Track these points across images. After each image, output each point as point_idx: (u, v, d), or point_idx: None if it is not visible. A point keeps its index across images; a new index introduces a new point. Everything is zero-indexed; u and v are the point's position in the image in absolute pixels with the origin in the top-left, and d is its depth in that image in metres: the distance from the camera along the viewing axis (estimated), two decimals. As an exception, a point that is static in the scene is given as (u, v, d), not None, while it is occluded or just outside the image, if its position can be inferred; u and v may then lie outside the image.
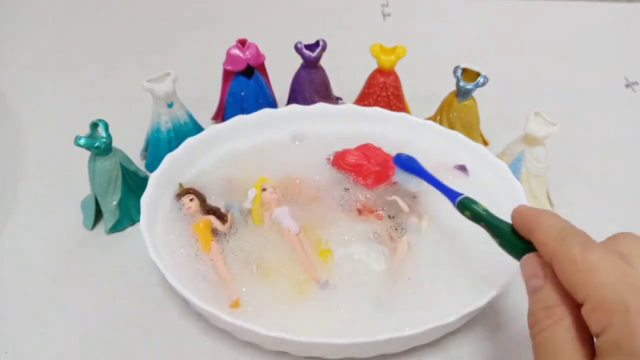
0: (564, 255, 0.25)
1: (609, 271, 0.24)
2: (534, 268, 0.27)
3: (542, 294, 0.26)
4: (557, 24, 0.75)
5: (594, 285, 0.23)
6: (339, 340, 0.33)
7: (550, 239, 0.27)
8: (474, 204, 0.34)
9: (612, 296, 0.23)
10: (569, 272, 0.25)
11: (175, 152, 0.44)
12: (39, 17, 0.74)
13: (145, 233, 0.38)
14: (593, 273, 0.24)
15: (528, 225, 0.29)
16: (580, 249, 0.25)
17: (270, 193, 0.43)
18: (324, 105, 0.49)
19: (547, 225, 0.27)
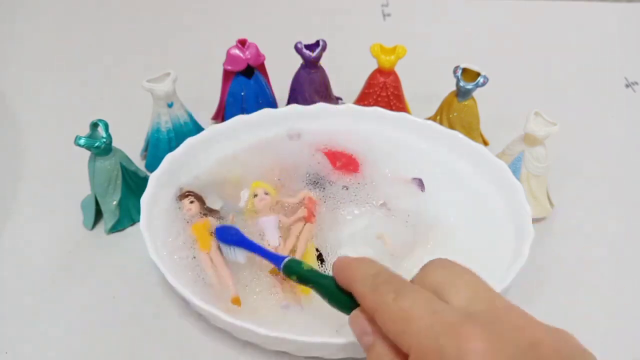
0: (380, 306, 0.25)
1: (421, 317, 0.23)
2: (362, 325, 0.26)
3: (374, 351, 0.25)
4: (557, 24, 0.75)
5: (410, 334, 0.23)
6: (339, 340, 0.33)
7: (365, 290, 0.26)
8: (299, 265, 0.33)
9: (428, 342, 0.22)
10: (388, 324, 0.24)
11: (175, 152, 0.44)
12: (39, 17, 0.74)
13: (145, 233, 0.38)
14: (408, 321, 0.23)
15: (347, 277, 0.28)
16: (393, 297, 0.24)
17: (260, 200, 0.41)
18: (324, 105, 0.49)
19: (361, 276, 0.27)
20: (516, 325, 0.23)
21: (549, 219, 0.47)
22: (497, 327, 0.22)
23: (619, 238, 0.46)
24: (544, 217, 0.46)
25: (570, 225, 0.47)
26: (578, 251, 0.45)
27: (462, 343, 0.22)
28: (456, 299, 0.24)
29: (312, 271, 0.32)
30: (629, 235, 0.46)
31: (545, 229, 0.46)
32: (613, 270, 0.44)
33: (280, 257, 0.34)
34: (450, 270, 0.26)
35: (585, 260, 0.44)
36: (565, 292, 0.41)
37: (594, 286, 0.42)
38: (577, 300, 0.41)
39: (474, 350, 0.21)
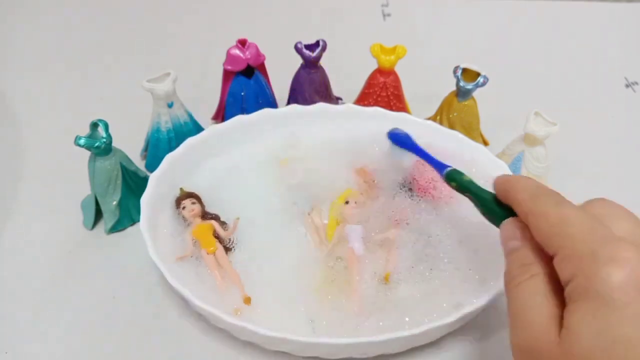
0: (538, 211, 0.26)
1: (579, 224, 0.24)
2: (512, 231, 0.28)
3: (519, 253, 0.27)
4: (557, 24, 0.75)
5: (564, 237, 0.24)
6: (339, 340, 0.33)
7: (525, 198, 0.28)
8: (460, 175, 0.35)
9: (581, 246, 0.24)
10: (542, 227, 0.26)
11: (175, 152, 0.44)
12: (39, 17, 0.74)
13: (145, 233, 0.38)
14: (564, 226, 0.25)
15: (506, 189, 0.29)
16: (553, 204, 0.26)
17: (352, 208, 0.41)
18: (324, 105, 0.49)
19: (523, 186, 0.28)
20: None
21: (549, 219, 0.47)
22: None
23: (619, 238, 0.46)
24: (544, 217, 0.46)
25: (570, 225, 0.47)
26: (578, 251, 0.45)
27: (616, 251, 0.22)
28: (616, 229, 0.25)
29: (472, 182, 0.34)
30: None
31: (545, 229, 0.46)
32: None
33: (444, 166, 0.37)
34: (612, 205, 0.27)
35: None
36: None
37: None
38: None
39: (626, 259, 0.22)
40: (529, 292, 0.25)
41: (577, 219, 0.25)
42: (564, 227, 0.25)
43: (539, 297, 0.25)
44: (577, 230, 0.24)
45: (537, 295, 0.25)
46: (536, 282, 0.25)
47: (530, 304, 0.25)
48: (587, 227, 0.24)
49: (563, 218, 0.25)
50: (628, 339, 0.21)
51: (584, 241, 0.24)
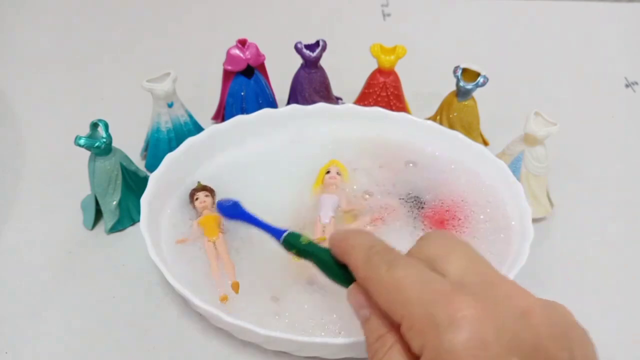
0: (373, 277, 0.25)
1: (413, 286, 0.23)
2: (358, 298, 0.27)
3: (371, 324, 0.26)
4: (557, 24, 0.75)
5: (402, 303, 0.23)
6: (339, 340, 0.33)
7: (359, 262, 0.26)
8: (298, 238, 0.32)
9: (419, 311, 0.23)
10: (381, 294, 0.25)
11: (175, 152, 0.44)
12: (39, 17, 0.74)
13: (145, 233, 0.38)
14: (400, 292, 0.23)
15: (342, 249, 0.28)
16: (386, 268, 0.25)
17: (331, 177, 0.43)
18: (324, 105, 0.49)
19: (356, 247, 0.27)
20: (508, 294, 0.23)
21: (549, 219, 0.47)
22: (489, 296, 0.23)
23: (619, 238, 0.46)
24: (544, 217, 0.46)
25: (570, 225, 0.47)
26: (578, 251, 0.45)
27: (453, 311, 0.22)
28: (450, 270, 0.24)
29: (311, 244, 0.31)
30: (629, 235, 0.46)
31: (545, 229, 0.46)
32: (613, 270, 0.44)
33: (279, 231, 0.34)
34: (446, 241, 0.26)
35: (585, 260, 0.44)
36: (565, 292, 0.41)
37: (594, 286, 0.42)
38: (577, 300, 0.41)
39: (464, 318, 0.21)
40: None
41: (410, 280, 0.24)
42: (400, 294, 0.23)
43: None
44: (411, 293, 0.23)
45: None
46: (394, 354, 0.24)
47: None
48: (419, 287, 0.23)
49: (397, 283, 0.24)
50: None
51: (420, 305, 0.23)
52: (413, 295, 0.23)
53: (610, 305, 0.41)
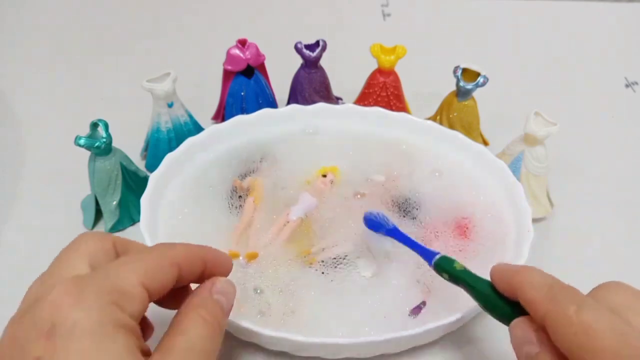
0: (558, 315, 0.24)
1: (608, 334, 0.22)
2: (526, 333, 0.26)
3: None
4: (557, 24, 0.75)
5: (593, 352, 0.22)
6: (339, 340, 0.33)
7: (539, 297, 0.25)
8: (452, 263, 0.32)
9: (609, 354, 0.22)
10: (565, 335, 0.24)
11: (175, 152, 0.44)
12: (39, 16, 0.74)
13: (145, 233, 0.38)
14: (591, 337, 0.23)
15: (511, 284, 0.27)
16: (574, 309, 0.24)
17: (320, 182, 0.44)
18: (324, 105, 0.49)
19: (533, 282, 0.26)
20: None
21: (549, 219, 0.47)
22: None
23: (619, 238, 0.46)
24: (544, 217, 0.46)
25: (570, 225, 0.47)
26: (578, 251, 0.45)
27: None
28: (637, 322, 0.23)
29: (466, 272, 0.31)
30: (629, 235, 0.46)
31: (545, 229, 0.46)
32: (613, 270, 0.43)
33: (432, 253, 0.33)
34: (629, 292, 0.26)
35: (585, 260, 0.44)
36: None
37: (594, 286, 0.42)
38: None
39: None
40: None
41: (603, 327, 0.23)
42: (591, 340, 0.23)
43: None
44: (605, 344, 0.22)
45: None
46: None
47: None
48: (616, 337, 0.22)
49: (588, 326, 0.23)
50: None
51: (612, 354, 0.22)
52: (607, 345, 0.22)
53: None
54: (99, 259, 0.27)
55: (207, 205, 0.43)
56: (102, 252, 0.27)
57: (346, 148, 0.48)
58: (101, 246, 0.27)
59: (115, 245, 0.28)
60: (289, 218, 0.41)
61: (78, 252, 0.27)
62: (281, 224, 0.41)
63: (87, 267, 0.26)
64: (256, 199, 0.43)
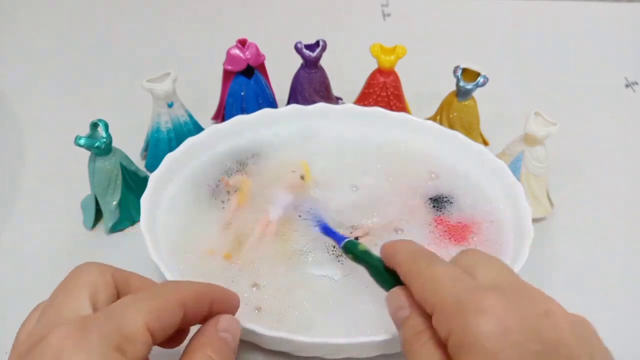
0: (413, 271, 0.28)
1: (446, 279, 0.26)
2: (399, 300, 0.28)
3: (409, 322, 0.27)
4: (557, 24, 0.75)
5: (435, 294, 0.25)
6: (339, 340, 0.33)
7: (404, 260, 0.29)
8: (356, 245, 0.35)
9: (450, 300, 0.24)
10: (418, 287, 0.27)
11: (175, 152, 0.44)
12: (38, 16, 0.74)
13: (146, 233, 0.38)
14: (434, 283, 0.26)
15: (389, 254, 0.31)
16: (426, 264, 0.27)
17: (292, 178, 0.44)
18: (324, 105, 0.49)
19: (402, 249, 0.30)
20: (533, 296, 0.25)
21: (549, 219, 0.47)
22: (515, 296, 0.24)
23: (619, 238, 0.46)
24: (544, 217, 0.46)
25: (570, 225, 0.47)
26: (578, 251, 0.45)
27: (480, 300, 0.23)
28: (481, 276, 0.26)
29: (366, 252, 0.34)
30: (629, 235, 0.46)
31: (545, 229, 0.46)
32: (613, 270, 0.44)
33: (341, 237, 0.38)
34: (479, 255, 0.28)
35: (585, 260, 0.44)
36: (565, 292, 0.41)
37: (594, 286, 0.42)
38: (577, 300, 0.41)
39: (490, 306, 0.23)
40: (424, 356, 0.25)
41: (444, 275, 0.26)
42: (434, 284, 0.26)
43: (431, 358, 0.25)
44: (443, 285, 0.25)
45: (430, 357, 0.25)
46: (428, 347, 0.25)
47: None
48: (452, 280, 0.25)
49: (433, 276, 0.26)
50: None
51: (451, 295, 0.24)
52: (446, 285, 0.25)
53: (610, 305, 0.41)
54: (100, 293, 0.26)
55: (207, 205, 0.43)
56: (102, 286, 0.27)
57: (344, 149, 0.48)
58: (102, 279, 0.27)
59: (114, 277, 0.28)
60: (270, 218, 0.42)
61: (78, 286, 0.27)
62: (264, 224, 0.41)
63: (88, 303, 0.26)
64: (240, 199, 0.43)
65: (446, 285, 0.25)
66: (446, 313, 0.24)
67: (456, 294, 0.24)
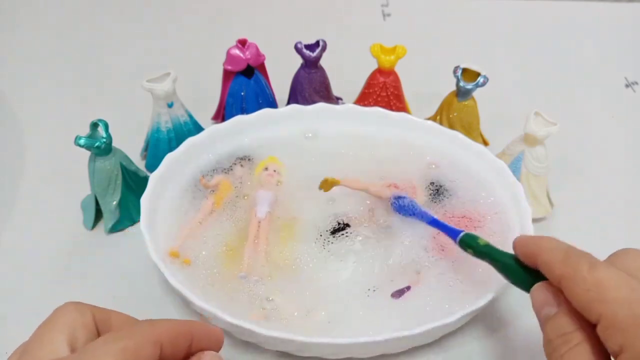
0: (572, 275, 0.25)
1: (619, 287, 0.24)
2: (545, 296, 0.27)
3: (556, 321, 0.26)
4: (557, 24, 0.75)
5: (605, 303, 0.24)
6: (339, 340, 0.33)
7: (555, 260, 0.27)
8: (476, 240, 0.34)
9: (625, 312, 0.23)
10: (579, 292, 0.25)
11: (175, 152, 0.44)
12: (38, 16, 0.74)
13: (146, 233, 0.38)
14: (603, 290, 0.24)
15: (531, 252, 0.29)
16: (587, 267, 0.25)
17: (269, 175, 0.44)
18: (324, 105, 0.49)
19: (550, 248, 0.28)
20: None
21: (549, 219, 0.47)
22: None
23: (619, 238, 0.46)
24: (544, 217, 0.46)
25: (570, 225, 0.47)
26: (578, 251, 0.45)
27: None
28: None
29: (489, 246, 0.33)
30: (629, 235, 0.46)
31: (545, 229, 0.46)
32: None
33: (456, 231, 0.35)
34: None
35: (585, 260, 0.44)
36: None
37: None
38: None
39: None
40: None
41: (615, 282, 0.24)
42: (603, 292, 0.24)
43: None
44: (617, 294, 0.24)
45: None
46: (580, 352, 0.24)
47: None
48: (627, 290, 0.24)
49: (600, 282, 0.24)
50: None
51: (626, 307, 0.23)
52: (618, 295, 0.23)
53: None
54: (79, 334, 0.26)
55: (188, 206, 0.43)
56: (81, 327, 0.26)
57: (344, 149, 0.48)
58: (81, 321, 0.27)
59: (94, 317, 0.27)
60: (258, 217, 0.42)
61: (56, 328, 0.26)
62: (255, 226, 0.41)
63: (65, 346, 0.25)
64: (217, 201, 0.43)
65: (618, 294, 0.23)
66: (619, 326, 0.23)
67: (632, 307, 0.23)
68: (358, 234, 0.41)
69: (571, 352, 0.24)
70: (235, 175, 0.45)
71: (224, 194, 0.43)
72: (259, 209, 0.42)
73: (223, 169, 0.45)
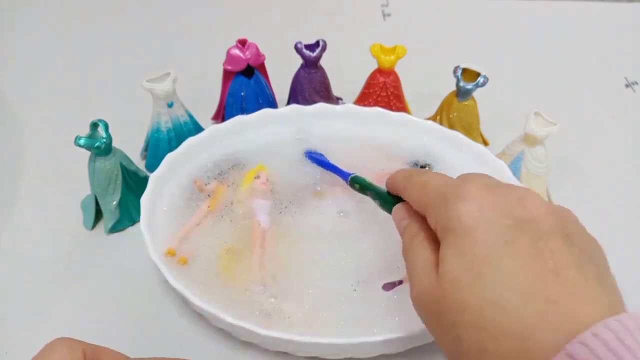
0: (408, 184, 0.32)
1: (437, 181, 0.29)
2: (402, 212, 0.32)
3: (409, 228, 0.30)
4: (557, 24, 0.75)
5: (426, 195, 0.29)
6: (339, 340, 0.33)
7: (401, 179, 0.33)
8: (362, 178, 0.40)
9: (437, 195, 0.28)
10: (413, 194, 0.31)
11: (175, 152, 0.44)
12: (38, 16, 0.74)
13: (146, 233, 0.38)
14: (425, 187, 0.30)
15: (391, 182, 0.35)
16: (418, 176, 0.31)
17: (261, 183, 0.43)
18: (324, 105, 0.49)
19: (401, 173, 0.34)
20: (511, 187, 0.28)
21: (549, 219, 0.47)
22: (494, 187, 0.27)
23: (619, 238, 0.46)
24: (544, 217, 0.46)
25: (570, 225, 0.47)
26: (578, 251, 0.45)
27: (460, 191, 0.27)
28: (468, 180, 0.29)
29: (371, 183, 0.39)
30: (629, 235, 0.46)
31: (545, 229, 0.46)
32: (613, 270, 0.43)
33: (348, 173, 0.42)
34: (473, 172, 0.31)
35: (585, 260, 0.44)
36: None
37: (594, 286, 0.42)
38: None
39: (469, 193, 0.26)
40: (416, 253, 0.28)
41: (433, 178, 0.30)
42: (425, 188, 0.29)
43: (424, 252, 0.28)
44: (433, 186, 0.29)
45: (423, 252, 0.28)
46: (422, 244, 0.28)
47: (416, 261, 0.28)
48: (440, 181, 0.29)
49: (423, 182, 0.30)
50: (482, 256, 0.24)
51: (436, 190, 0.28)
52: (434, 186, 0.29)
53: (610, 305, 0.41)
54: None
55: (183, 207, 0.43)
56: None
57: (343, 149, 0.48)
58: (70, 357, 0.27)
59: (85, 353, 0.28)
60: (263, 228, 0.41)
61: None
62: (260, 236, 0.41)
63: None
64: (212, 205, 0.43)
65: (435, 185, 0.29)
66: (434, 206, 0.28)
67: (442, 190, 0.28)
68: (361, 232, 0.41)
69: (418, 246, 0.29)
70: (229, 181, 0.44)
71: (220, 197, 0.43)
72: (263, 219, 0.41)
73: (219, 172, 0.45)
